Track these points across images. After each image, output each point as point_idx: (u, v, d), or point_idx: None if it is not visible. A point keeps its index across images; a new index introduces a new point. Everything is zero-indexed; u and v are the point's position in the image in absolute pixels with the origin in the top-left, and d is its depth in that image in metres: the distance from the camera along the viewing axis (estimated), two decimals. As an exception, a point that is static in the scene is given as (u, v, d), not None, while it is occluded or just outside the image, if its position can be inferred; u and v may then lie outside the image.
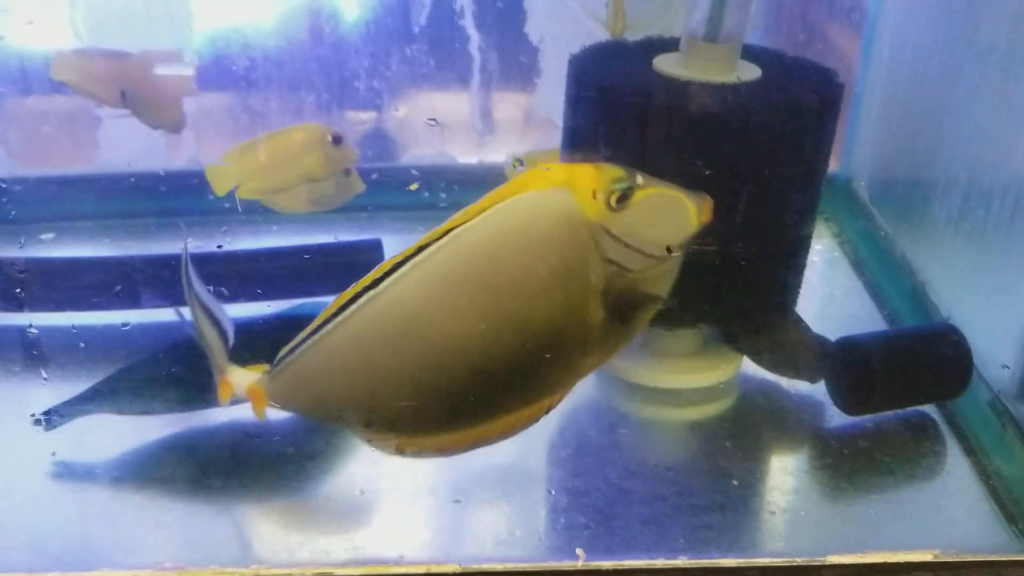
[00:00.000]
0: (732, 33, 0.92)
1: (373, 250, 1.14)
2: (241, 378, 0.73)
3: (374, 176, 1.28)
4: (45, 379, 1.03)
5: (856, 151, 1.35)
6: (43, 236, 1.29)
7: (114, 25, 1.20)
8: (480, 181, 1.12)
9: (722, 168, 0.88)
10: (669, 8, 1.30)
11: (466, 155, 1.41)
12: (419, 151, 1.40)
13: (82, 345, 1.06)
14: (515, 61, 1.36)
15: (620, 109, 0.90)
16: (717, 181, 0.89)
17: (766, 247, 0.94)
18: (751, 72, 0.93)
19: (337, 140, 1.07)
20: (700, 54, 0.92)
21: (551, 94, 1.32)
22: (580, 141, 0.95)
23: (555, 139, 1.25)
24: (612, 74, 0.93)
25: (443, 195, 1.13)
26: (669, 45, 1.00)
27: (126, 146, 1.27)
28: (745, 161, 0.89)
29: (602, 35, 1.33)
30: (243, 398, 0.73)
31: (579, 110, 0.94)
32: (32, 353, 1.05)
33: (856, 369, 0.95)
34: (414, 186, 1.14)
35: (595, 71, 0.94)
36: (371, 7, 1.28)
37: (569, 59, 0.96)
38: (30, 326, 1.06)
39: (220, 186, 1.09)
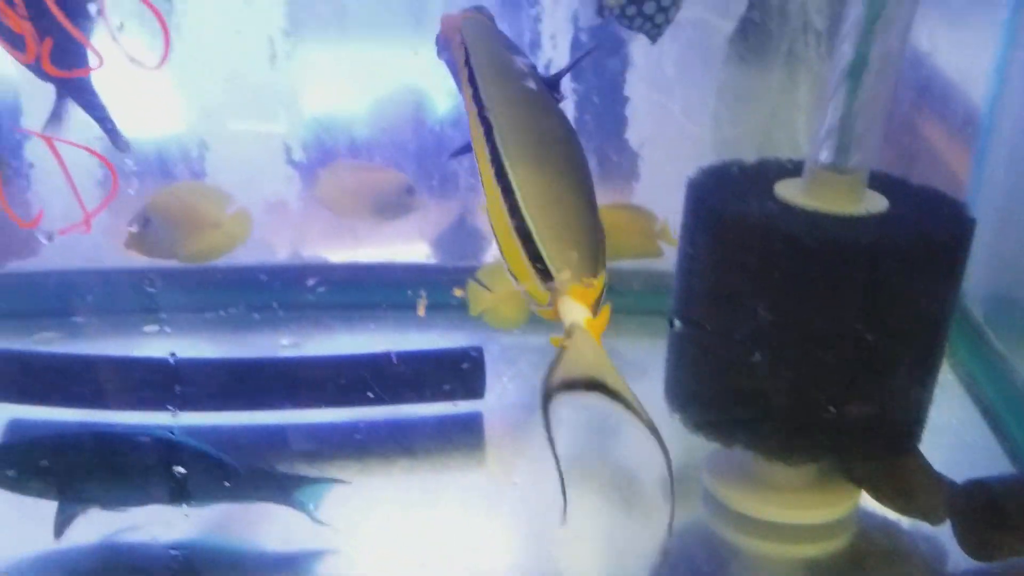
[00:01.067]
0: (860, 163, 0.90)
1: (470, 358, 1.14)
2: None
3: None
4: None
5: (969, 269, 1.31)
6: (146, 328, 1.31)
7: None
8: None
9: (850, 304, 0.86)
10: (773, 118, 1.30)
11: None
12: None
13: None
14: (615, 165, 1.36)
15: (743, 239, 0.88)
16: (844, 316, 0.86)
17: (892, 383, 0.90)
18: (878, 203, 0.91)
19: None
20: (826, 183, 0.90)
21: (650, 199, 1.32)
22: (698, 269, 0.93)
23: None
24: (734, 201, 0.91)
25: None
26: (787, 169, 0.98)
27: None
28: (874, 297, 0.86)
29: (704, 140, 1.32)
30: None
31: (698, 237, 0.93)
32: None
33: (986, 511, 0.91)
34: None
35: (715, 198, 0.92)
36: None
37: (687, 183, 0.95)
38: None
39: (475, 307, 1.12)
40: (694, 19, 1.24)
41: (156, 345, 1.28)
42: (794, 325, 0.87)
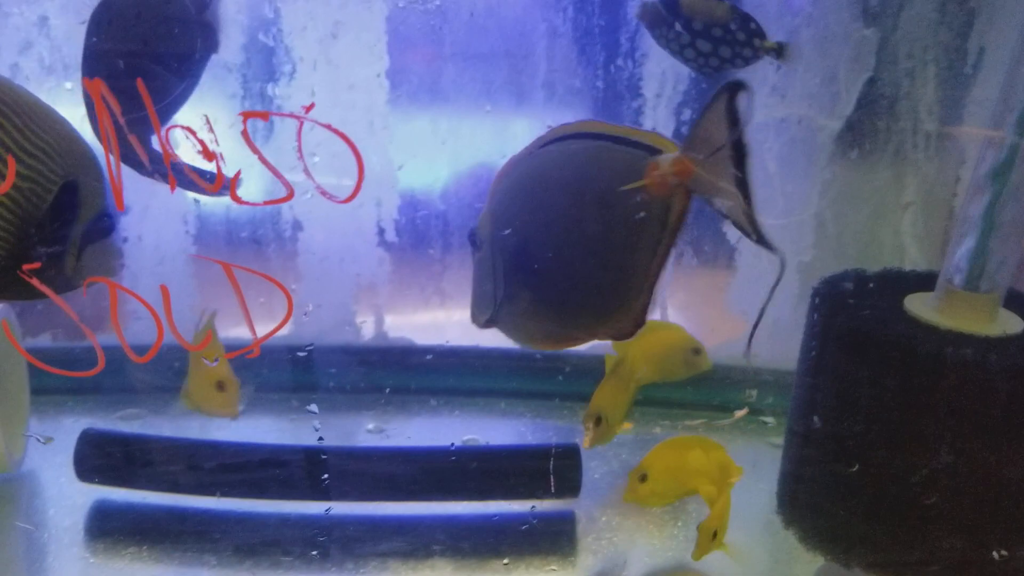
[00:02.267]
0: (996, 283, 0.87)
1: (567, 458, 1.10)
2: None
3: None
4: None
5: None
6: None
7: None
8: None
9: (987, 426, 0.82)
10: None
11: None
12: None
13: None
14: (709, 256, 1.34)
15: (875, 357, 0.85)
16: (981, 438, 0.83)
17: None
18: (1013, 324, 0.87)
19: (696, 351, 1.08)
20: (959, 302, 0.87)
21: (744, 292, 1.29)
22: (822, 379, 0.90)
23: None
24: (864, 317, 0.88)
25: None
26: (913, 281, 0.95)
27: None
28: (1013, 420, 0.82)
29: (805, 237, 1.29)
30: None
31: (826, 350, 0.90)
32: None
33: None
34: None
35: (844, 311, 0.90)
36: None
37: (813, 293, 0.93)
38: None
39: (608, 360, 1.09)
40: (799, 116, 1.23)
41: (239, 425, 1.27)
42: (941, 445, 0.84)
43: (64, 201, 0.75)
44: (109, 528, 1.04)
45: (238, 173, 0.69)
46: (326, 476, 1.06)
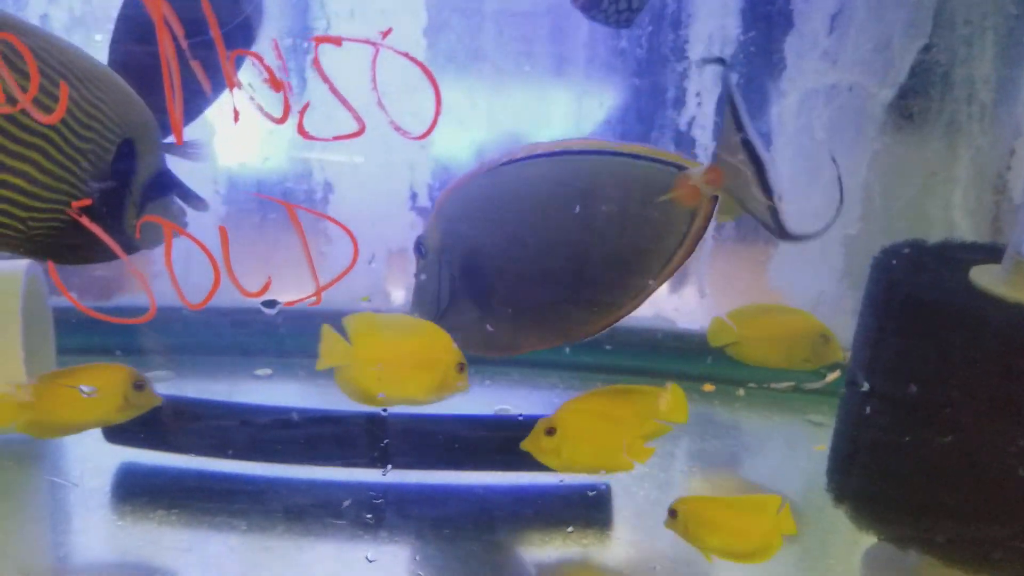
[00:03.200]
0: (1070, 255, 0.83)
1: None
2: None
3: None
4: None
5: None
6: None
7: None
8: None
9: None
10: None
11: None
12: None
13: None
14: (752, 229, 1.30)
15: (943, 327, 0.82)
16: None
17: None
18: (1084, 297, 0.84)
19: (826, 338, 1.04)
20: (1030, 274, 0.84)
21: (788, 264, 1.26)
22: (883, 352, 0.87)
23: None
24: (931, 287, 0.85)
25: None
26: (973, 251, 0.92)
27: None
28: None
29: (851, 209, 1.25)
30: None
31: (888, 321, 0.86)
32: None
33: None
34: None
35: (909, 280, 0.86)
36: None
37: (873, 264, 0.89)
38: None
39: (717, 338, 1.09)
40: (850, 83, 1.19)
41: (268, 390, 1.25)
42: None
43: (122, 159, 0.75)
44: (136, 491, 1.02)
45: (306, 105, 0.66)
46: (386, 441, 1.03)
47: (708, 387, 1.18)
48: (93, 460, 1.05)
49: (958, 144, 1.18)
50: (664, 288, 0.87)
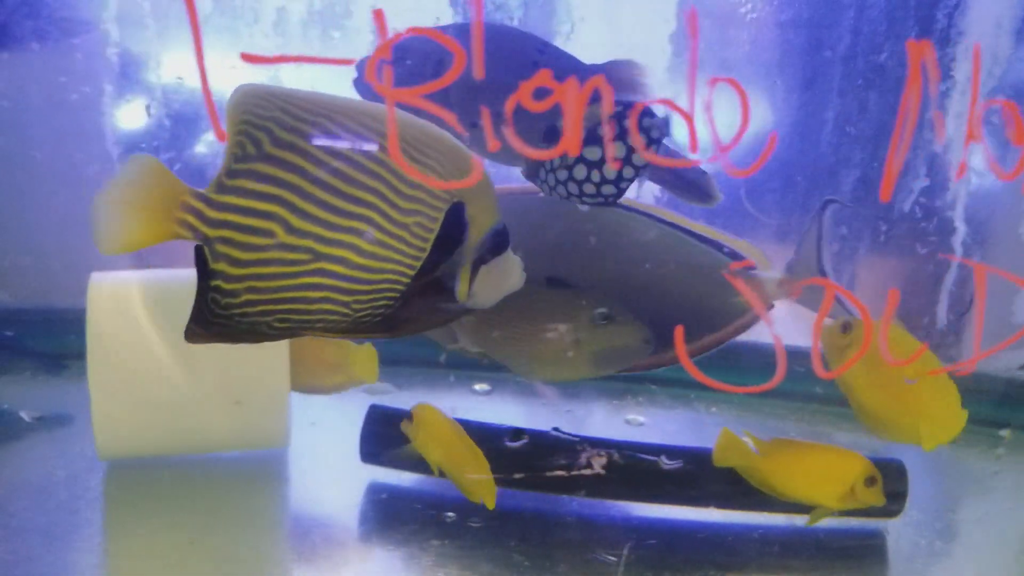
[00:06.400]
0: None
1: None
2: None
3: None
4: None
5: None
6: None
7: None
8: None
9: None
10: None
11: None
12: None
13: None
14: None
15: None
16: None
17: None
18: None
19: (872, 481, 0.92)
20: None
21: None
22: None
23: None
24: None
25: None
26: None
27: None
28: None
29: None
30: None
31: None
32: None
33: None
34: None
35: None
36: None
37: None
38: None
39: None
40: None
41: (490, 406, 1.19)
42: None
43: (451, 224, 0.73)
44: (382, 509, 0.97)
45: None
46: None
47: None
48: (342, 479, 0.99)
49: None
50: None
